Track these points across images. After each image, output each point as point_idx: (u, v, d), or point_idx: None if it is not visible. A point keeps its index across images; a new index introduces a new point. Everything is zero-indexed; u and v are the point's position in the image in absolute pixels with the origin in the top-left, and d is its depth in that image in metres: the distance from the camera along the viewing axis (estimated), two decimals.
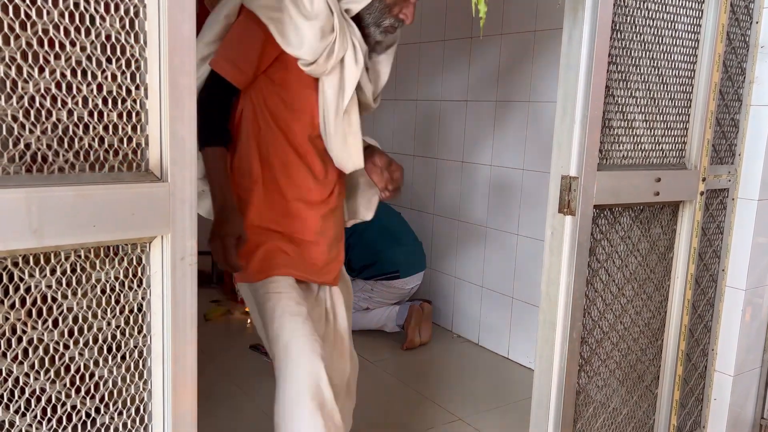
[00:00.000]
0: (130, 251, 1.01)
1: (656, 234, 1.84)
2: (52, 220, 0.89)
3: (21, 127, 0.89)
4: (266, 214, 1.60)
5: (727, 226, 2.06)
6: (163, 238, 1.01)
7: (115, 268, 1.00)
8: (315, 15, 1.46)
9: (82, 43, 0.92)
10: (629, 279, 1.80)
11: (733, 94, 1.97)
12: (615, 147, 1.67)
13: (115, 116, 0.97)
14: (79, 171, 0.95)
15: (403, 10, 1.55)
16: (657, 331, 1.93)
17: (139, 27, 0.97)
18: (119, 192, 0.95)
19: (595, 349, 1.77)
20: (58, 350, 0.97)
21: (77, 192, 0.91)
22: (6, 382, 0.92)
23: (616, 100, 1.63)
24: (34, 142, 0.90)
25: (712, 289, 2.10)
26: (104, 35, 0.94)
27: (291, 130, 1.58)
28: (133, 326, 1.04)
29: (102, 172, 0.96)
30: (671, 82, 1.74)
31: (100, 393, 1.02)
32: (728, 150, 2.02)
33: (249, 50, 1.49)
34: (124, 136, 0.98)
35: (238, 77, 1.52)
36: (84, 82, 0.94)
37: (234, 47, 1.51)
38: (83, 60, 0.93)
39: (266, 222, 1.60)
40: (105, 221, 0.94)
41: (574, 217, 1.59)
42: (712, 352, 2.14)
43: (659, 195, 1.74)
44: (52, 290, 0.95)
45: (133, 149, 0.99)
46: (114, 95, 0.96)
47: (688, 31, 1.75)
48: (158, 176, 1.01)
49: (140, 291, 1.03)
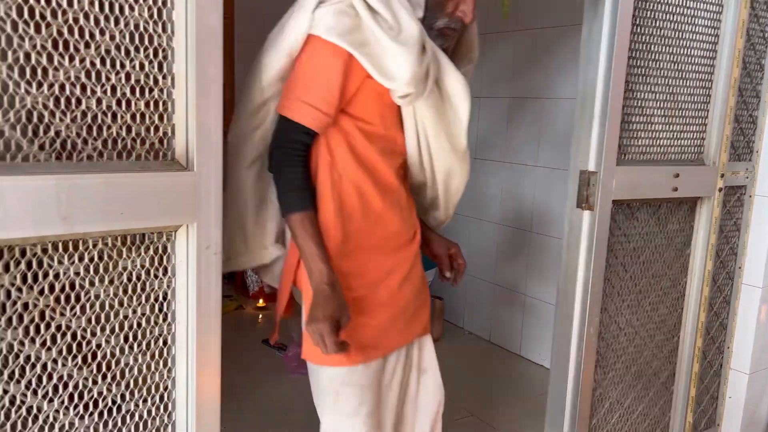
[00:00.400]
0: (156, 240, 1.02)
1: (673, 230, 1.83)
2: (81, 207, 0.90)
3: (51, 115, 0.90)
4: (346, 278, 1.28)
5: (744, 223, 2.05)
6: (188, 227, 1.02)
7: (141, 256, 1.01)
8: (407, 37, 1.19)
9: (111, 32, 0.93)
10: (646, 275, 1.80)
11: (752, 91, 1.96)
12: (634, 142, 1.66)
13: (143, 105, 0.98)
14: (107, 159, 0.96)
15: (459, 6, 1.26)
16: (673, 327, 1.93)
17: (167, 17, 0.98)
18: (146, 180, 0.96)
19: (612, 345, 1.77)
20: (85, 337, 0.98)
21: (106, 180, 0.92)
22: (34, 368, 0.93)
23: (636, 96, 1.63)
24: (64, 129, 0.91)
25: (729, 287, 2.08)
26: (133, 24, 0.95)
27: (377, 167, 1.29)
28: (158, 314, 1.04)
29: (129, 160, 0.97)
30: (690, 77, 1.74)
31: (126, 380, 1.03)
32: (746, 147, 2.00)
33: (329, 88, 1.19)
34: (150, 125, 0.99)
35: (321, 122, 1.21)
36: (113, 71, 0.94)
37: (309, 86, 1.20)
38: (112, 49, 0.94)
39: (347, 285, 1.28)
40: (132, 209, 0.95)
41: (592, 212, 1.59)
42: (727, 350, 2.13)
43: (677, 191, 1.73)
44: (80, 277, 0.96)
45: (160, 138, 1.00)
46: (141, 84, 0.97)
47: (707, 26, 1.74)
48: (184, 165, 1.01)
49: (165, 279, 1.04)
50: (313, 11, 1.18)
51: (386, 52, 1.18)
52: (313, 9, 1.18)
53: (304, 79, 1.20)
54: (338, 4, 1.18)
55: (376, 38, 1.18)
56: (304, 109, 1.19)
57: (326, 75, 1.19)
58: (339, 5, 1.17)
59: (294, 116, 1.20)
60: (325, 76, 1.19)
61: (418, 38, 1.19)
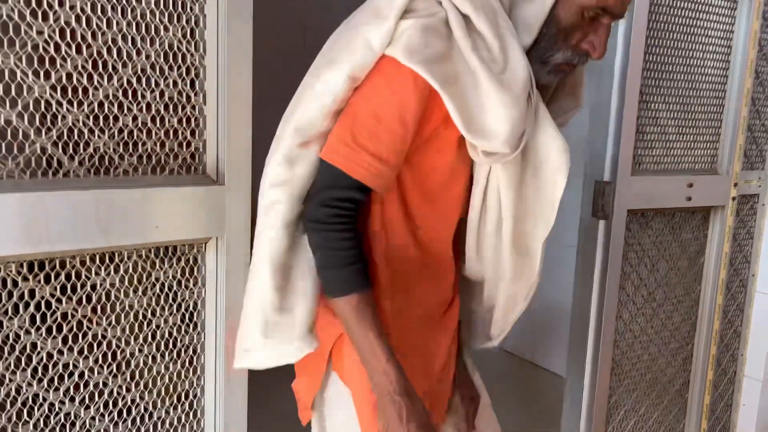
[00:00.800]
0: (188, 251, 1.05)
1: (687, 239, 1.85)
2: (118, 221, 0.94)
3: (90, 133, 0.93)
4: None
5: (758, 231, 2.07)
6: (218, 239, 1.05)
7: (173, 267, 1.04)
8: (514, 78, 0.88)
9: (146, 52, 0.97)
10: (660, 283, 1.82)
11: (765, 100, 1.98)
12: (648, 152, 1.68)
13: (176, 121, 1.01)
14: (141, 174, 0.99)
15: (588, 37, 0.94)
16: (687, 335, 1.94)
17: (199, 36, 1.01)
18: (180, 194, 0.99)
19: (626, 353, 1.79)
20: (120, 346, 1.01)
21: (142, 194, 0.95)
22: (72, 376, 0.97)
23: (650, 106, 1.65)
24: (102, 146, 0.95)
25: (742, 294, 2.10)
26: (167, 44, 0.98)
27: (429, 227, 1.01)
28: (188, 323, 1.08)
29: (163, 175, 1.01)
30: (704, 87, 1.76)
31: (157, 388, 1.06)
32: (759, 155, 2.02)
33: (402, 134, 0.88)
34: (183, 141, 1.02)
35: (385, 180, 0.91)
36: (147, 89, 0.98)
37: (374, 129, 0.87)
38: (147, 68, 0.97)
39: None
40: (166, 222, 0.98)
41: (607, 222, 1.61)
42: (741, 357, 2.14)
43: (691, 200, 1.75)
44: (115, 288, 0.99)
45: (192, 153, 1.04)
46: (175, 101, 1.01)
47: (720, 37, 1.76)
48: (214, 179, 1.05)
49: (196, 290, 1.07)
50: (396, 20, 0.85)
51: (483, 95, 0.87)
52: (396, 18, 0.85)
53: (366, 118, 0.88)
54: (430, 18, 0.86)
55: (472, 73, 0.87)
56: (364, 159, 0.88)
57: (399, 115, 0.87)
58: (431, 20, 0.85)
59: (350, 169, 0.88)
60: (398, 116, 0.87)
61: (526, 82, 0.89)
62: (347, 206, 0.90)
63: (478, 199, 1.00)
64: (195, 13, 1.00)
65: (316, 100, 0.89)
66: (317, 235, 0.91)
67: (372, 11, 0.88)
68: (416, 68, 0.83)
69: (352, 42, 0.87)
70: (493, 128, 0.87)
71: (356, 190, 0.90)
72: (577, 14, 0.91)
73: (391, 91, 0.87)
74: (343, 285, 0.91)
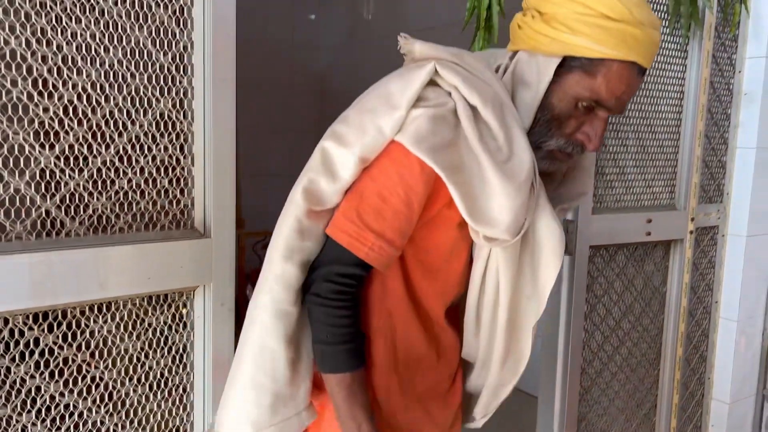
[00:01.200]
0: (177, 298, 1.16)
1: (650, 270, 1.97)
2: (115, 275, 1.04)
3: (90, 196, 1.04)
4: None
5: (719, 260, 2.19)
6: (205, 287, 1.16)
7: (164, 313, 1.15)
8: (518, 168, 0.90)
9: (140, 122, 1.08)
10: (626, 313, 1.93)
11: (720, 138, 2.12)
12: (608, 192, 1.81)
13: (167, 182, 1.12)
14: (135, 231, 1.10)
15: (583, 127, 0.96)
16: (653, 361, 2.05)
17: (188, 105, 1.13)
18: (170, 248, 1.10)
19: (595, 379, 1.89)
20: (116, 387, 1.11)
21: (136, 250, 1.06)
22: (73, 416, 1.06)
23: (609, 149, 1.78)
24: (100, 207, 1.06)
25: (707, 321, 2.21)
26: (158, 114, 1.10)
27: (430, 301, 1.03)
28: (179, 365, 1.18)
29: (155, 231, 1.11)
30: (660, 130, 1.89)
31: (150, 425, 1.15)
32: (717, 189, 2.15)
33: (407, 216, 0.92)
34: (173, 199, 1.13)
35: (388, 259, 0.94)
36: (141, 154, 1.09)
37: (381, 210, 0.91)
38: (141, 135, 1.09)
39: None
40: (158, 274, 1.09)
41: (572, 257, 1.73)
42: (708, 381, 2.25)
43: (650, 234, 1.87)
44: (111, 334, 1.09)
45: (181, 210, 1.15)
46: (166, 164, 1.12)
47: (673, 84, 1.90)
48: (202, 232, 1.16)
49: (185, 333, 1.17)
50: (407, 109, 0.89)
51: (487, 184, 0.89)
52: (408, 107, 0.89)
53: (373, 197, 0.91)
54: (439, 107, 0.90)
55: (477, 162, 0.89)
56: (368, 239, 0.91)
57: (405, 197, 0.90)
58: (439, 109, 0.89)
59: (354, 247, 0.91)
60: (404, 198, 0.90)
61: (530, 171, 0.91)
62: (349, 282, 0.93)
63: (478, 277, 1.02)
64: (184, 85, 1.12)
65: (328, 183, 0.93)
66: (316, 309, 0.94)
67: (384, 98, 0.92)
68: (423, 156, 0.87)
69: (364, 125, 0.91)
70: (496, 216, 0.90)
71: (359, 267, 0.93)
72: (570, 103, 0.93)
73: (399, 175, 0.90)
74: (336, 363, 0.94)
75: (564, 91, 0.93)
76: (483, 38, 1.39)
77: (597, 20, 0.89)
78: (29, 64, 0.97)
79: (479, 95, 0.90)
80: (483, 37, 1.39)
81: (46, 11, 0.97)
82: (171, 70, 1.10)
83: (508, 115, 0.92)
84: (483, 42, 1.40)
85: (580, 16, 0.90)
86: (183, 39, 1.11)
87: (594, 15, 0.90)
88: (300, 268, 0.94)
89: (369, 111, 0.93)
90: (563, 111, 0.94)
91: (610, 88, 0.92)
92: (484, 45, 1.40)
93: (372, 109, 0.93)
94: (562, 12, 0.91)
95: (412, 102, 0.90)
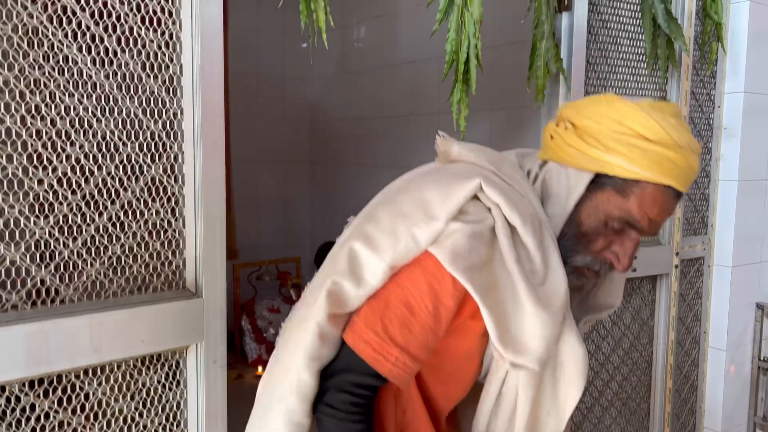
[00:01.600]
0: (170, 357, 1.18)
1: (637, 305, 2.00)
2: (109, 339, 1.07)
3: (84, 263, 1.07)
4: None
5: (705, 291, 2.23)
6: (197, 345, 1.18)
7: (158, 373, 1.17)
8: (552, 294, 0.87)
9: (132, 188, 1.12)
10: (615, 347, 1.96)
11: (702, 172, 2.16)
12: None
13: (159, 245, 1.15)
14: (129, 293, 1.13)
15: (612, 246, 0.93)
16: (644, 394, 2.08)
17: (179, 170, 1.16)
18: (163, 309, 1.13)
19: (587, 414, 1.91)
20: None
21: (129, 314, 1.09)
22: None
23: None
24: (94, 273, 1.09)
25: (696, 351, 2.24)
26: (150, 179, 1.13)
27: (437, 402, 1.01)
28: (173, 422, 1.20)
29: (147, 293, 1.14)
30: None
31: None
32: (701, 222, 2.20)
33: (434, 331, 0.87)
34: (165, 261, 1.16)
35: (411, 374, 0.89)
36: (133, 219, 1.12)
37: (407, 324, 0.86)
38: (133, 201, 1.12)
39: None
40: (151, 335, 1.11)
41: None
42: (699, 410, 2.28)
43: (636, 271, 1.91)
44: (106, 396, 1.11)
45: (173, 271, 1.17)
46: (157, 227, 1.15)
47: None
48: (193, 292, 1.18)
49: (178, 391, 1.20)
50: (447, 222, 0.85)
51: (520, 309, 0.86)
52: (447, 220, 0.85)
53: (399, 307, 0.86)
54: (478, 224, 0.86)
55: (511, 282, 0.86)
56: (392, 354, 0.86)
57: (433, 309, 0.86)
58: (479, 226, 0.86)
59: (377, 362, 0.86)
60: (432, 310, 0.86)
61: (565, 298, 0.88)
62: (364, 393, 0.89)
63: (494, 390, 0.95)
64: (174, 150, 1.15)
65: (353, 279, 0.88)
66: (329, 420, 0.88)
67: (421, 205, 0.88)
68: (459, 276, 0.83)
69: (397, 231, 0.87)
70: (527, 344, 0.86)
71: (376, 378, 0.88)
72: (600, 221, 0.90)
73: (429, 286, 0.86)
74: None
75: (594, 208, 0.90)
76: (462, 90, 1.44)
77: (633, 140, 0.87)
78: (24, 140, 1.00)
79: (520, 215, 0.87)
80: (461, 90, 1.44)
81: (40, 89, 1.01)
82: (162, 136, 1.14)
83: (547, 237, 0.89)
84: (461, 94, 1.44)
85: (617, 134, 0.88)
86: (173, 106, 1.14)
87: (631, 135, 0.87)
88: (316, 377, 0.89)
89: (403, 216, 0.89)
90: (592, 228, 0.91)
91: (643, 210, 0.89)
92: (462, 97, 1.44)
93: (407, 215, 0.88)
94: (597, 128, 0.89)
95: (452, 216, 0.86)
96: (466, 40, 1.41)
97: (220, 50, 1.15)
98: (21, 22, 0.99)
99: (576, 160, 0.91)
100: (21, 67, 0.99)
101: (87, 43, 1.05)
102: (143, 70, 1.11)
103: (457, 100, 1.43)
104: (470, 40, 1.42)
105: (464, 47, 1.42)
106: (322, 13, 1.19)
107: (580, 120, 0.91)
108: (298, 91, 4.30)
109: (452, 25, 1.43)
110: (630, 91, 1.86)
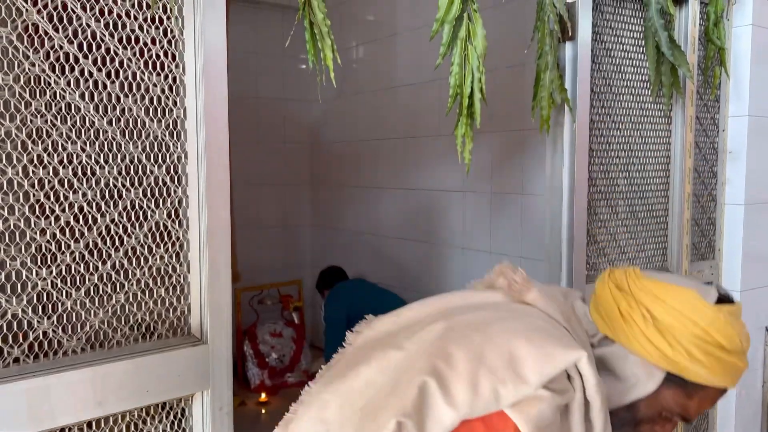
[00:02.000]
0: (176, 405, 1.16)
1: None
2: (113, 391, 1.04)
3: (87, 313, 1.05)
4: None
5: None
6: (203, 393, 1.16)
7: (163, 422, 1.14)
8: None
9: (136, 235, 1.09)
10: None
11: (708, 196, 2.15)
12: (601, 258, 1.83)
13: (163, 291, 1.13)
14: (133, 342, 1.10)
15: (655, 427, 0.97)
16: None
17: (183, 214, 1.14)
18: (168, 357, 1.10)
19: None
20: None
21: (134, 364, 1.06)
22: None
23: (599, 217, 1.80)
24: (97, 322, 1.06)
25: None
26: (154, 224, 1.11)
27: None
28: None
29: (152, 340, 1.12)
30: (648, 195, 1.92)
31: None
32: (708, 246, 2.18)
33: None
34: (170, 306, 1.14)
35: None
36: (138, 265, 1.10)
37: None
38: (137, 247, 1.10)
39: None
40: (156, 385, 1.09)
41: None
42: None
43: None
44: None
45: (178, 317, 1.15)
46: (162, 273, 1.13)
47: (660, 148, 1.94)
48: (199, 338, 1.16)
49: None
50: (537, 389, 0.83)
51: None
52: (539, 387, 0.83)
53: None
54: (562, 396, 0.85)
55: None
56: None
57: None
58: (562, 399, 0.85)
59: None
60: None
61: None
62: None
63: None
64: (179, 194, 1.14)
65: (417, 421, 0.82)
66: None
67: (510, 362, 0.85)
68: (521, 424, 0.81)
69: (478, 383, 0.83)
70: None
71: None
72: (656, 412, 0.94)
73: None
74: None
75: (656, 400, 0.93)
76: (466, 124, 1.42)
77: (714, 350, 0.88)
78: (26, 190, 0.98)
79: (598, 391, 0.86)
80: (466, 123, 1.42)
81: (42, 138, 0.99)
82: (166, 181, 1.12)
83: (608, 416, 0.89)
84: (466, 127, 1.42)
85: (699, 341, 0.89)
86: (177, 150, 1.13)
87: (712, 344, 0.88)
88: None
89: (487, 368, 0.85)
90: (647, 417, 0.94)
91: (701, 408, 0.94)
92: (466, 130, 1.43)
93: (492, 370, 0.84)
94: (678, 328, 0.90)
95: (545, 383, 0.83)
96: (470, 75, 1.40)
97: (224, 93, 1.14)
98: (23, 72, 0.97)
99: (653, 357, 0.91)
100: (23, 117, 0.97)
101: (90, 90, 1.04)
102: (146, 115, 1.09)
103: (462, 133, 1.42)
104: (474, 74, 1.40)
105: (468, 81, 1.40)
106: (329, 51, 1.18)
107: (660, 312, 0.91)
108: (298, 113, 4.30)
109: (455, 59, 1.41)
110: (635, 119, 1.85)
